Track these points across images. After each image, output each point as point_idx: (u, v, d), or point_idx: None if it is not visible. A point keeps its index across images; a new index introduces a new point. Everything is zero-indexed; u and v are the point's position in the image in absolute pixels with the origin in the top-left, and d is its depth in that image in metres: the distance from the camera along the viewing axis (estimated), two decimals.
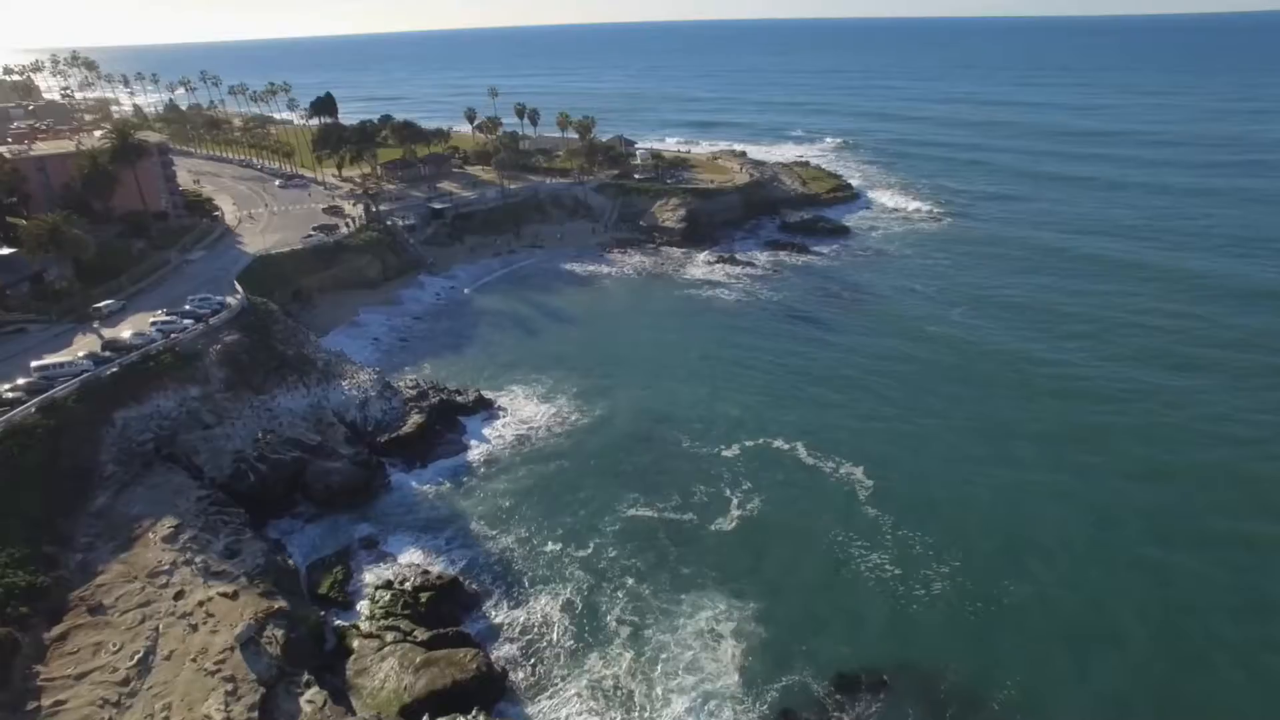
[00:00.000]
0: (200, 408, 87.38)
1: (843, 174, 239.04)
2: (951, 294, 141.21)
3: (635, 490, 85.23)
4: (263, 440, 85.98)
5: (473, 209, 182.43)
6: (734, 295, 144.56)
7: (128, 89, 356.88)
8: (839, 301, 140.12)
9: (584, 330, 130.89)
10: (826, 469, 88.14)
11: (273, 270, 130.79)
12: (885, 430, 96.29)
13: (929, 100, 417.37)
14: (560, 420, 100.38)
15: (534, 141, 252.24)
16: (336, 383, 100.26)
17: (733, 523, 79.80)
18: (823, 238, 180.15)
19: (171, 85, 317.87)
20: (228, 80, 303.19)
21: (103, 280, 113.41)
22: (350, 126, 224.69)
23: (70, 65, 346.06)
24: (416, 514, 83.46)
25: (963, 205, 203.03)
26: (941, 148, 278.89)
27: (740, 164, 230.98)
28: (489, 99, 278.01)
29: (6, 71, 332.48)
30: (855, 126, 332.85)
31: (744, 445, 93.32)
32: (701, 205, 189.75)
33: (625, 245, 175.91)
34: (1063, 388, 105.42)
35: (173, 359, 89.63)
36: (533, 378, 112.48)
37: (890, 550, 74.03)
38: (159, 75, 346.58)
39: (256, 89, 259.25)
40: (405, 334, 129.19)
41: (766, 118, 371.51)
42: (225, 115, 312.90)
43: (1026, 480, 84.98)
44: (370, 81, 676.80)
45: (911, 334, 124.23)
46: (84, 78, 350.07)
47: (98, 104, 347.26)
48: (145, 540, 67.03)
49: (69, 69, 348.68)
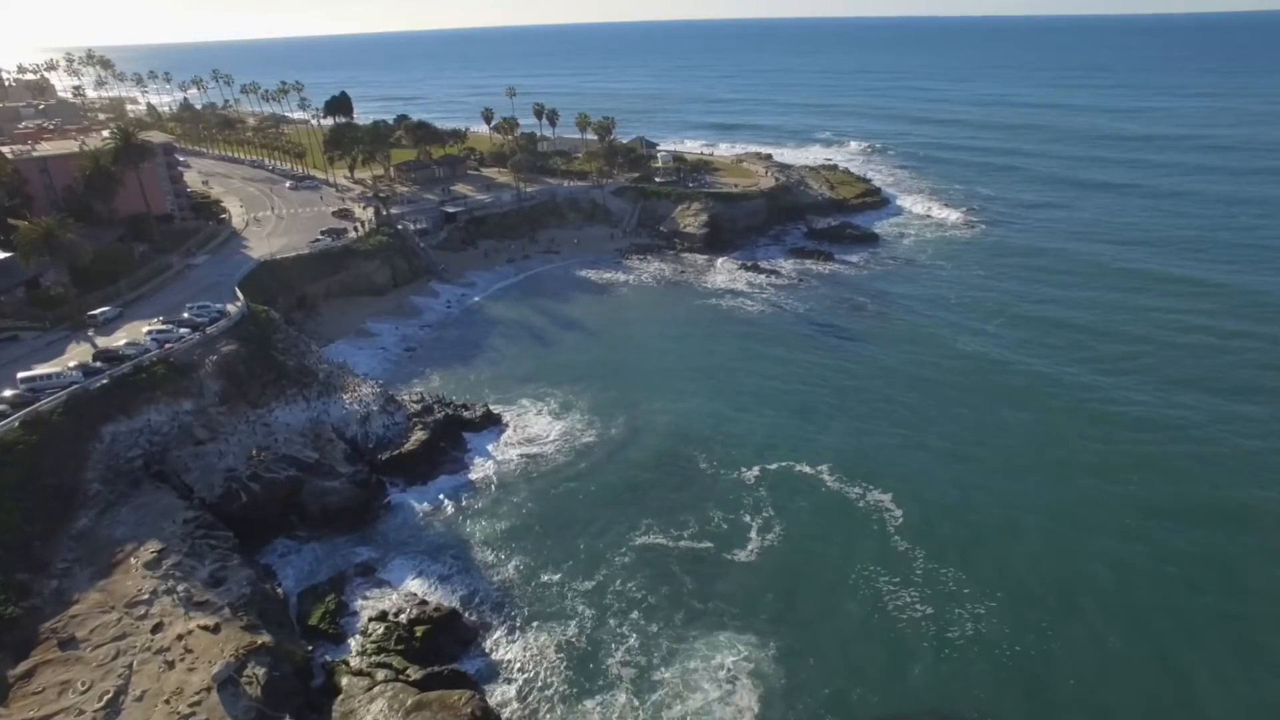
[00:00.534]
0: (193, 422, 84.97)
1: (871, 178, 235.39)
2: (986, 307, 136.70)
3: (649, 515, 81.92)
4: (256, 458, 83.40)
5: (487, 213, 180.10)
6: (757, 306, 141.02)
7: (140, 88, 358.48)
8: (867, 314, 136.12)
9: (600, 341, 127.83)
10: (853, 495, 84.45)
11: (277, 276, 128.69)
12: (917, 454, 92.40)
13: (961, 102, 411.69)
14: (572, 438, 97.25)
15: (552, 143, 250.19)
16: (337, 396, 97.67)
17: (753, 553, 76.28)
18: (850, 245, 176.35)
19: (184, 84, 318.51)
20: (240, 79, 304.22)
21: (101, 286, 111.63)
22: (363, 127, 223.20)
23: (85, 64, 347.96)
24: (417, 537, 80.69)
25: (997, 213, 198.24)
26: (975, 152, 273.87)
27: (765, 167, 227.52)
28: (507, 99, 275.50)
29: (20, 70, 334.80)
30: (885, 129, 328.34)
31: (766, 468, 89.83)
32: (724, 210, 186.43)
33: (644, 251, 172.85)
34: (1109, 413, 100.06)
35: (166, 370, 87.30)
36: (544, 391, 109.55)
37: (922, 587, 70.20)
38: (171, 74, 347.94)
39: (268, 88, 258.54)
40: (413, 344, 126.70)
41: (793, 119, 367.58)
42: (239, 115, 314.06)
43: (1073, 513, 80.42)
44: (388, 80, 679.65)
45: (945, 350, 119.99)
46: (98, 76, 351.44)
47: (112, 103, 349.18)
48: (126, 566, 64.44)
49: (83, 68, 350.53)
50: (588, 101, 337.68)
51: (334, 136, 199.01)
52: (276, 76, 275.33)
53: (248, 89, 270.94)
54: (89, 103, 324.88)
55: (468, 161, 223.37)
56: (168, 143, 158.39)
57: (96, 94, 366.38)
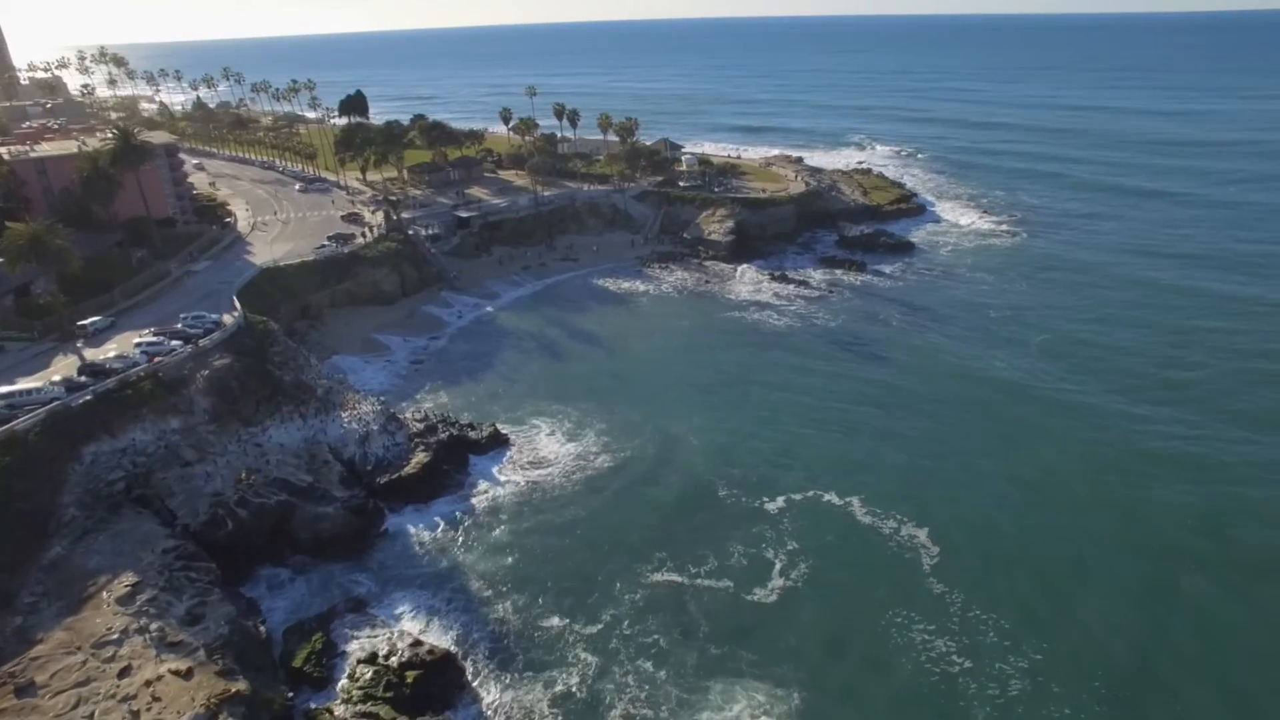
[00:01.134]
0: (180, 442, 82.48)
1: (907, 184, 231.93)
2: (1030, 325, 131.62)
3: (662, 548, 78.49)
4: (245, 481, 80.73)
5: (503, 217, 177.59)
6: (784, 319, 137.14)
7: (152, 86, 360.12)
8: (902, 330, 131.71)
9: (617, 356, 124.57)
10: (885, 530, 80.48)
11: (279, 284, 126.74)
12: (956, 485, 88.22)
13: (1002, 104, 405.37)
14: (584, 462, 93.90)
15: (573, 144, 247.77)
16: (336, 414, 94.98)
17: (774, 593, 72.54)
18: (884, 254, 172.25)
19: (195, 83, 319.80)
20: (259, 77, 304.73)
21: (94, 294, 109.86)
22: (375, 127, 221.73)
23: (98, 62, 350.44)
24: (414, 568, 77.87)
25: (1041, 222, 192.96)
26: (1017, 157, 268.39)
27: (795, 171, 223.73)
28: (528, 99, 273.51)
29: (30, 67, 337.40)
30: (922, 132, 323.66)
31: (790, 498, 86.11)
32: (751, 216, 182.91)
33: (666, 260, 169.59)
34: (1170, 451, 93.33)
35: (154, 386, 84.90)
36: (557, 410, 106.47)
37: (958, 636, 66.10)
38: (182, 72, 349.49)
39: (279, 87, 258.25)
40: (420, 357, 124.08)
41: (826, 121, 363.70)
42: (254, 114, 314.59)
43: (1127, 565, 75.56)
44: (407, 79, 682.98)
45: (986, 372, 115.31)
46: (108, 75, 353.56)
47: (125, 102, 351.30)
48: (97, 601, 61.80)
49: (95, 66, 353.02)
50: (612, 102, 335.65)
51: (345, 137, 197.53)
52: (295, 75, 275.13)
53: (259, 87, 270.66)
54: (100, 102, 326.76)
55: (484, 164, 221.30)
56: (170, 143, 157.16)
57: (110, 93, 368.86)
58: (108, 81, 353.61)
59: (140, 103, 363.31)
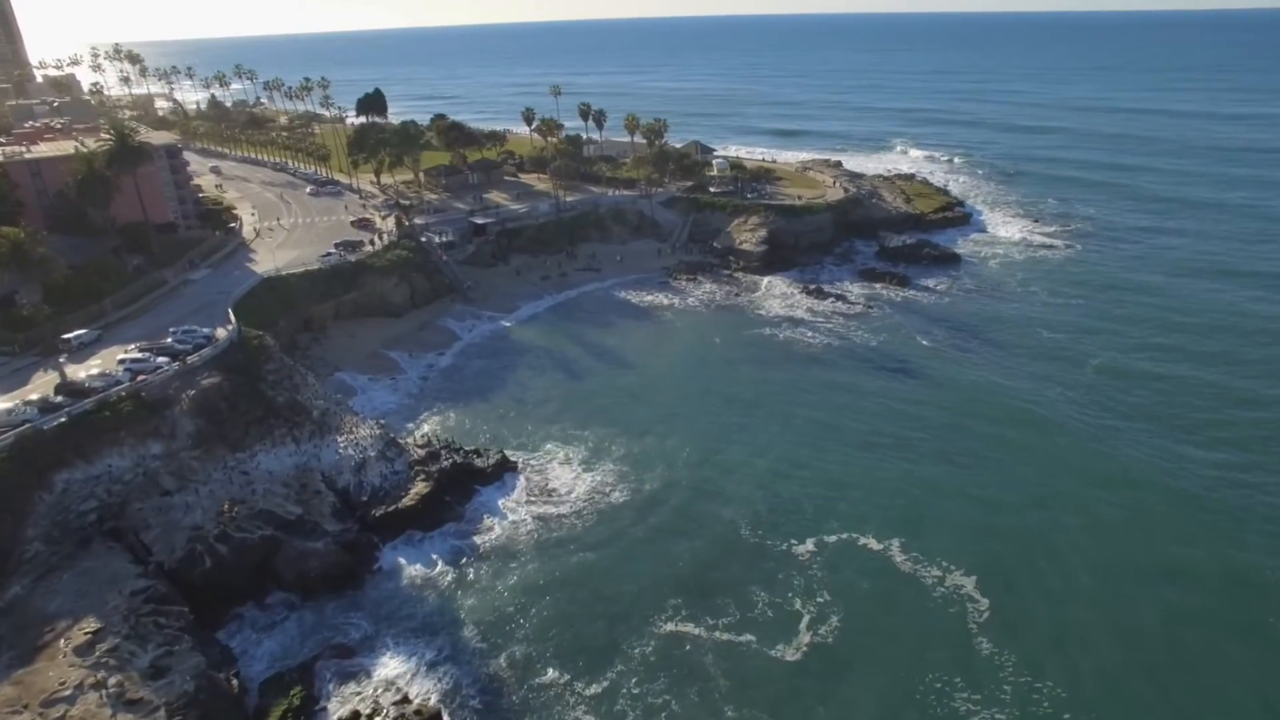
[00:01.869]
0: (161, 469, 79.14)
1: (953, 190, 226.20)
2: (1085, 349, 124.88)
3: (679, 595, 73.99)
4: (228, 513, 77.14)
5: (521, 224, 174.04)
6: (819, 338, 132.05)
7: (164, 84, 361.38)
8: (947, 352, 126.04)
9: (638, 377, 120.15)
10: (928, 579, 75.30)
11: (281, 295, 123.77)
12: (1009, 530, 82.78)
13: (1054, 107, 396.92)
14: (597, 495, 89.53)
15: (599, 147, 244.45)
16: (331, 438, 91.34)
17: (801, 650, 67.68)
18: (928, 267, 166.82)
19: (207, 81, 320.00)
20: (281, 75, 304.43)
21: (83, 305, 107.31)
22: (390, 127, 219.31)
23: (111, 59, 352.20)
24: (407, 610, 74.06)
25: (1095, 234, 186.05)
26: (1068, 164, 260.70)
27: (833, 176, 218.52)
28: (552, 98, 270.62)
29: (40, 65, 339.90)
30: (967, 136, 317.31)
31: (822, 540, 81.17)
32: (786, 225, 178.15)
33: (695, 270, 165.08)
34: (1248, 507, 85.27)
35: (135, 407, 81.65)
36: (572, 435, 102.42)
37: (1011, 709, 60.78)
38: (194, 69, 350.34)
39: (292, 85, 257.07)
40: (427, 374, 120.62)
41: (865, 123, 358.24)
42: (270, 113, 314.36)
43: (1202, 637, 68.97)
44: (430, 77, 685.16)
45: (1038, 404, 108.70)
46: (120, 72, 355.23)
47: (139, 101, 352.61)
48: (53, 651, 58.30)
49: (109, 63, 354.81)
50: (642, 102, 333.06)
51: (358, 138, 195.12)
52: (318, 72, 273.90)
53: (272, 85, 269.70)
54: (114, 100, 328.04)
55: (504, 166, 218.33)
56: (171, 144, 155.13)
57: (124, 91, 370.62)
58: (120, 79, 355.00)
59: (156, 101, 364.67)
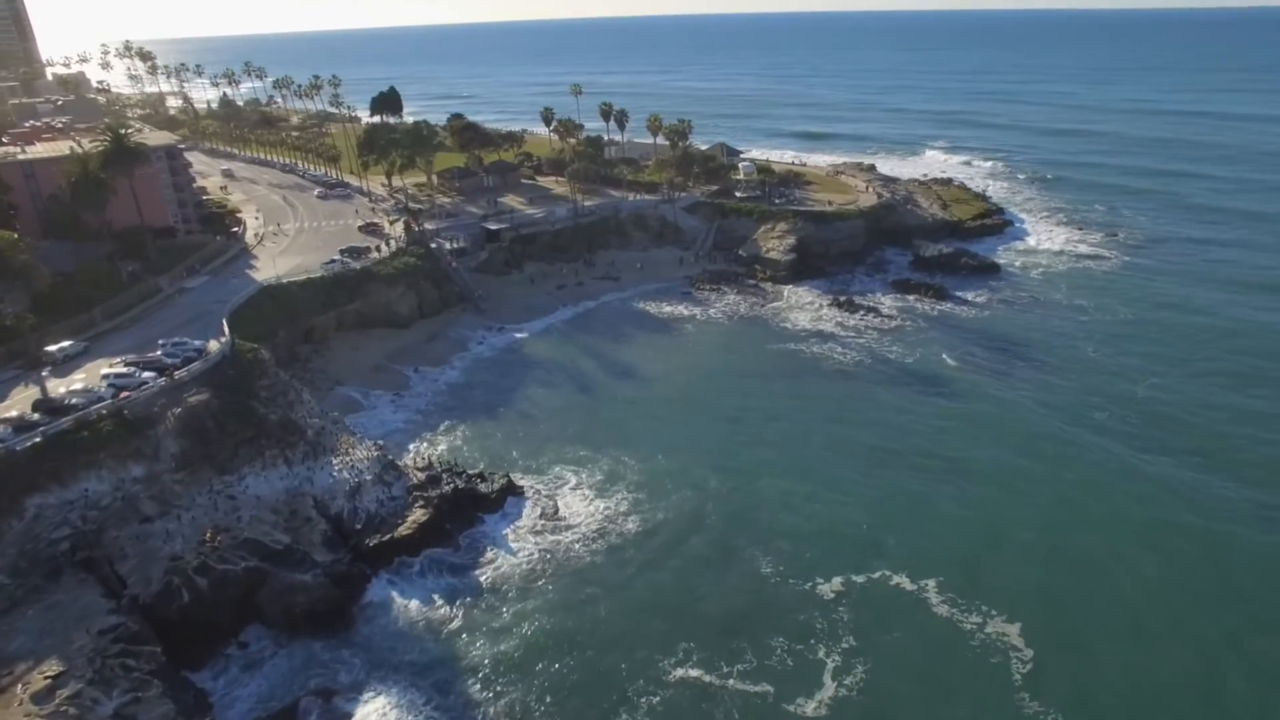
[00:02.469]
0: (141, 493, 76.24)
1: (992, 197, 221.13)
2: (1135, 371, 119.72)
3: (691, 638, 70.25)
4: (210, 542, 74.04)
5: (537, 230, 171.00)
6: (850, 354, 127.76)
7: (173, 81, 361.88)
8: (988, 371, 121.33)
9: (656, 395, 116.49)
10: (968, 625, 70.96)
11: (280, 304, 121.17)
12: (1059, 574, 78.11)
13: (1100, 109, 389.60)
14: (609, 525, 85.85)
15: (620, 149, 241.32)
16: (326, 460, 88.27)
17: (824, 705, 63.64)
18: (966, 278, 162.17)
19: (215, 79, 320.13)
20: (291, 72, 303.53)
21: (73, 314, 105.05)
22: (402, 127, 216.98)
23: (122, 56, 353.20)
24: (398, 649, 70.95)
25: (1145, 246, 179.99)
26: (1115, 170, 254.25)
27: (866, 181, 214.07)
28: (573, 98, 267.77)
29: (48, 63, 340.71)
30: (1008, 140, 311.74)
31: (850, 579, 77.08)
32: (815, 232, 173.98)
33: (719, 280, 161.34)
34: None
35: (116, 426, 78.86)
36: (583, 457, 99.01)
37: None
38: (203, 67, 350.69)
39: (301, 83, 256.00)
40: (433, 390, 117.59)
41: (901, 126, 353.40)
42: (283, 112, 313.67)
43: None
44: (449, 76, 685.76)
45: (1086, 431, 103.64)
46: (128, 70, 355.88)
47: (150, 99, 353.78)
48: (8, 698, 55.25)
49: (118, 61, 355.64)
50: (668, 103, 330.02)
51: (369, 138, 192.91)
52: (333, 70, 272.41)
53: (281, 83, 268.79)
54: (124, 99, 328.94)
55: (521, 169, 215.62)
56: (172, 145, 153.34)
57: (136, 89, 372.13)
58: (128, 77, 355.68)
59: (167, 100, 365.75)
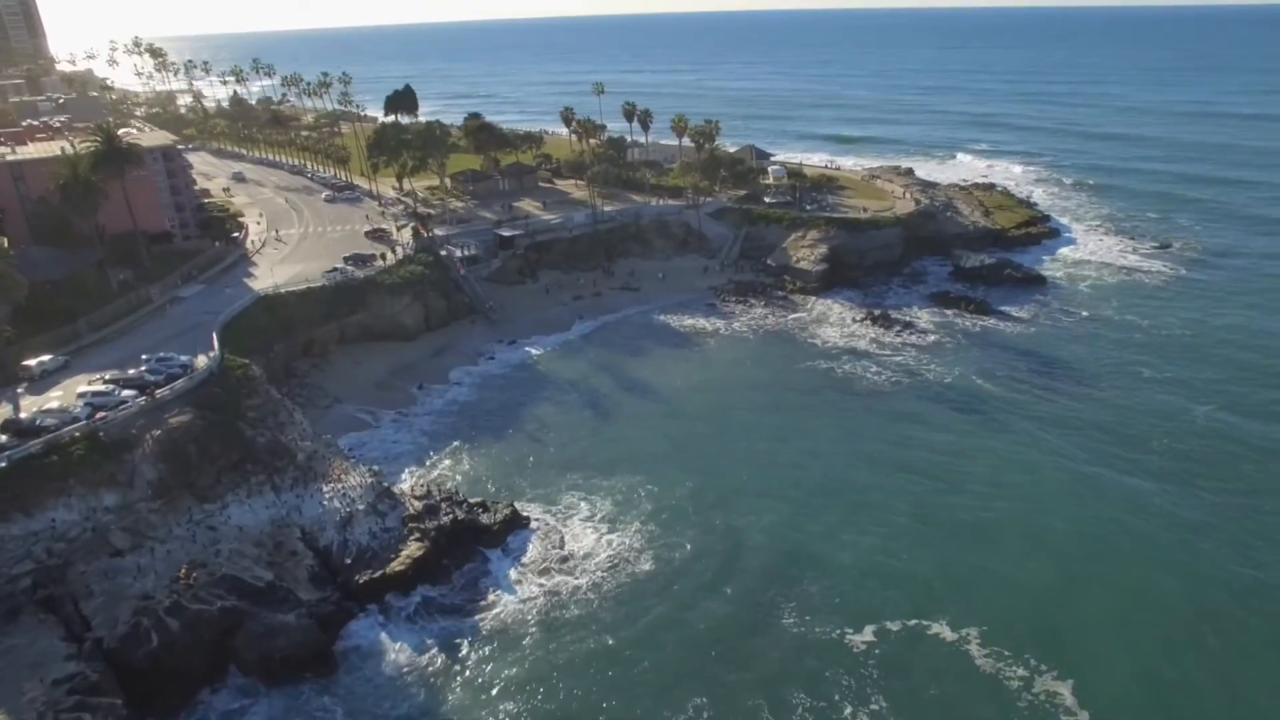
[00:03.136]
0: (113, 524, 73.08)
1: (1038, 204, 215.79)
2: (1195, 393, 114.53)
3: (702, 693, 66.34)
4: (184, 580, 70.66)
5: (553, 236, 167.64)
6: (884, 373, 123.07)
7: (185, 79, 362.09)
8: (1035, 393, 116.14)
9: (675, 417, 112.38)
10: (1013, 683, 66.30)
11: (278, 315, 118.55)
12: (1112, 618, 73.39)
13: (1155, 112, 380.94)
14: (620, 564, 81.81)
15: (644, 150, 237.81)
16: (317, 487, 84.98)
17: None
18: (1010, 291, 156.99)
19: (223, 76, 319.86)
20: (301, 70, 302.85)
21: (57, 325, 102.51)
22: (413, 128, 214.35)
23: (130, 53, 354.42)
24: (384, 701, 67.74)
25: (1203, 259, 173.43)
26: (1171, 178, 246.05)
27: (904, 186, 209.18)
28: (595, 97, 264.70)
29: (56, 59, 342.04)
30: (1054, 144, 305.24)
31: (883, 627, 72.59)
32: (849, 241, 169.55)
33: (745, 291, 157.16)
34: None
35: (89, 450, 75.84)
36: (596, 485, 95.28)
37: None
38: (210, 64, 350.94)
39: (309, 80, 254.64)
40: (437, 409, 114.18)
41: (942, 128, 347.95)
42: (295, 111, 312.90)
43: None
44: (470, 74, 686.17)
45: (1143, 462, 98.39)
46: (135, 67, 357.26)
47: (160, 97, 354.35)
48: None
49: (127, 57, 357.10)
50: (698, 103, 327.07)
51: (378, 139, 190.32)
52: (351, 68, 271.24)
53: (290, 81, 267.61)
54: (133, 96, 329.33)
55: (539, 171, 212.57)
56: (169, 145, 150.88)
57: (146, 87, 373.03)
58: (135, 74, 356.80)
59: (178, 98, 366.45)
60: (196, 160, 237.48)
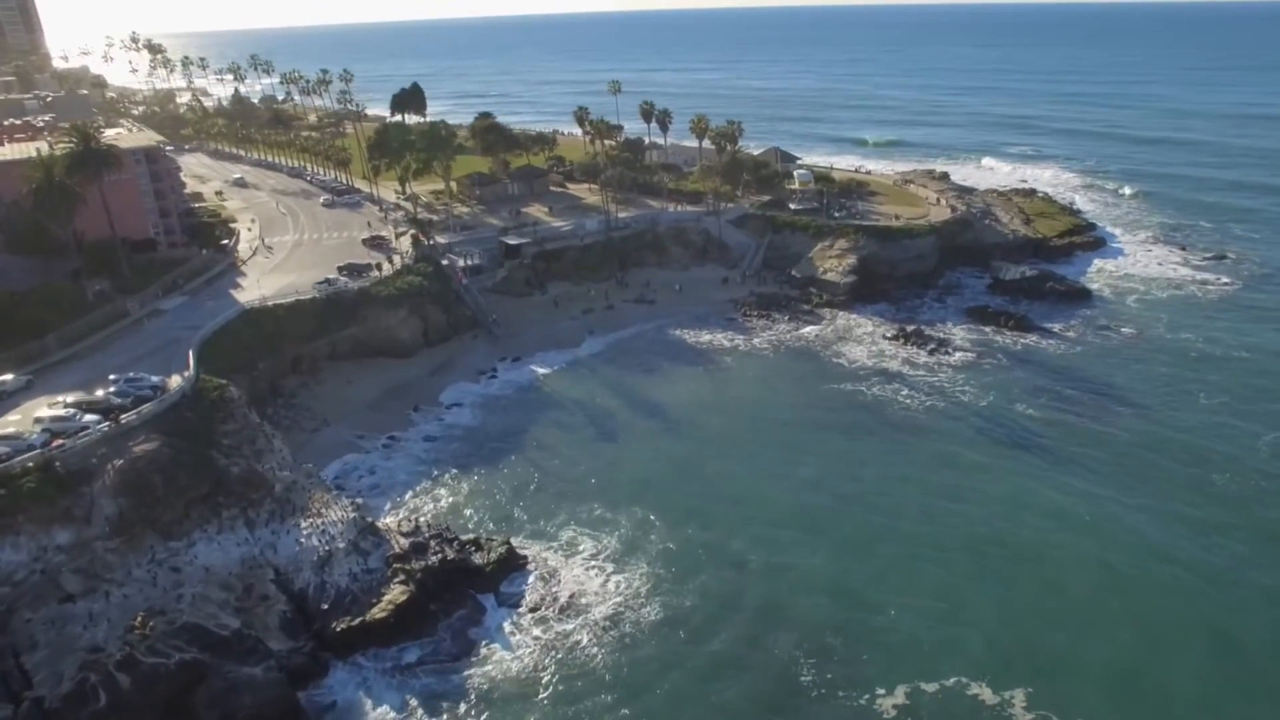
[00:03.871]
0: (65, 565, 68.82)
1: (1082, 211, 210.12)
2: (1255, 417, 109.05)
3: None
4: (140, 629, 66.19)
5: (563, 245, 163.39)
6: (916, 397, 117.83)
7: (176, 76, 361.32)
8: (1081, 418, 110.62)
9: (689, 444, 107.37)
10: None
11: (263, 330, 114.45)
12: (1170, 677, 68.22)
13: (1205, 115, 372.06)
14: (625, 612, 76.80)
15: (662, 153, 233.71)
16: (294, 522, 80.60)
17: None
18: (1053, 305, 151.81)
19: (221, 74, 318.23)
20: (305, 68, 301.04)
21: (21, 341, 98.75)
22: (419, 127, 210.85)
23: (127, 49, 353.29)
24: None
25: (1261, 272, 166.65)
26: (1225, 185, 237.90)
27: (939, 192, 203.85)
28: (611, 96, 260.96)
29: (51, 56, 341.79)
30: (1099, 148, 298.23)
31: (917, 687, 67.39)
32: (880, 251, 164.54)
33: (768, 305, 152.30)
34: None
35: (41, 482, 71.67)
36: (600, 519, 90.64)
37: None
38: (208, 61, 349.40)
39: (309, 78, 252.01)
40: (434, 434, 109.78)
41: (979, 131, 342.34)
42: (298, 110, 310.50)
43: None
44: (487, 72, 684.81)
45: (1204, 483, 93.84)
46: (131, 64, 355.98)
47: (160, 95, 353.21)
48: None
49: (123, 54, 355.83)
50: (721, 104, 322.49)
51: (380, 140, 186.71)
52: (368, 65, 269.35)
53: (289, 78, 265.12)
54: (130, 94, 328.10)
55: (551, 175, 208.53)
56: (153, 147, 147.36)
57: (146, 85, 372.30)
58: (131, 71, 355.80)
59: (178, 96, 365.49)
60: (192, 162, 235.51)
